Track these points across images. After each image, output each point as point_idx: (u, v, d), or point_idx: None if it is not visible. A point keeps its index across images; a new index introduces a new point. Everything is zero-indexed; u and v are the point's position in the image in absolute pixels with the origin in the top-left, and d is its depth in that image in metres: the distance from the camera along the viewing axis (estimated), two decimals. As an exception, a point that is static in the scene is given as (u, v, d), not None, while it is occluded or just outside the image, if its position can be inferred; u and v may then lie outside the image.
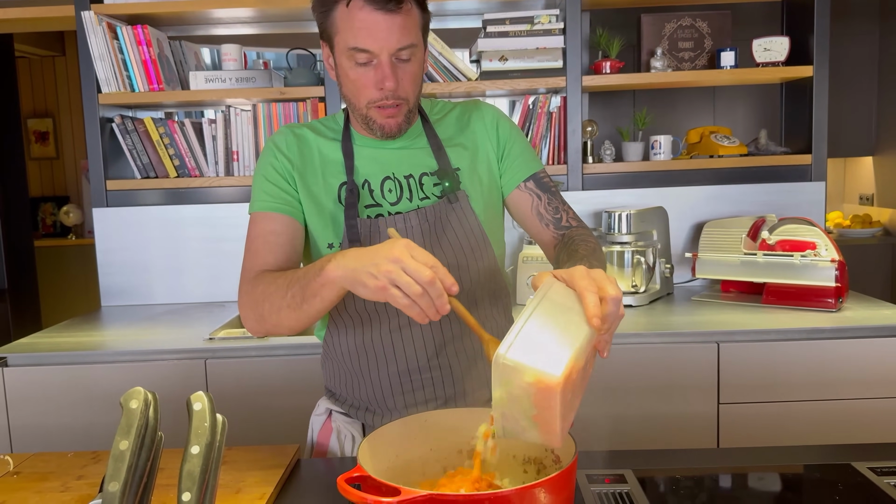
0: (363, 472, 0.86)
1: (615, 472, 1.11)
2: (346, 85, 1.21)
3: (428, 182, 1.27)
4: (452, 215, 1.26)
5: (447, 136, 1.32)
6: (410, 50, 1.17)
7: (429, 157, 1.29)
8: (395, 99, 1.19)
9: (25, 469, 1.17)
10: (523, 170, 1.33)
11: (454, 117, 1.35)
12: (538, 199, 1.32)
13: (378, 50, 1.15)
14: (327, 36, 1.21)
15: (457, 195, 1.26)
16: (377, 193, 1.26)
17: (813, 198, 2.61)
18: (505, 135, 1.34)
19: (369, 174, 1.27)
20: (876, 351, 1.99)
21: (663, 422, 2.02)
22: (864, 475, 1.07)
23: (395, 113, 1.21)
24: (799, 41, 2.59)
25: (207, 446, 0.72)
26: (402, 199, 1.26)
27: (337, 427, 1.33)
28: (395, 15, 1.14)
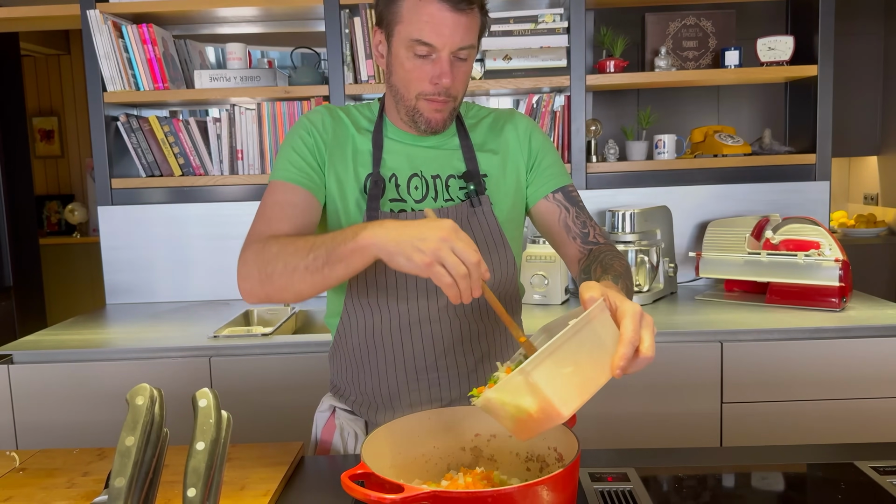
0: (367, 469, 0.86)
1: (618, 470, 1.11)
2: (398, 74, 1.22)
3: (454, 185, 1.28)
4: (473, 218, 1.27)
5: (479, 142, 1.32)
6: (469, 51, 1.20)
7: (458, 160, 1.30)
8: (446, 96, 1.21)
9: (31, 465, 1.18)
10: (553, 181, 1.33)
11: (487, 124, 1.36)
12: (566, 211, 1.32)
13: (441, 46, 1.16)
14: (386, 23, 1.21)
15: (480, 199, 1.27)
16: (403, 189, 1.26)
17: (817, 197, 2.60)
18: (537, 146, 1.34)
19: (397, 169, 1.27)
20: (880, 351, 1.99)
21: (666, 420, 2.02)
22: (867, 474, 1.07)
23: (443, 108, 1.22)
24: (803, 40, 2.59)
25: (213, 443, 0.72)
26: (427, 198, 1.26)
27: (340, 424, 1.33)
28: (463, 15, 1.15)
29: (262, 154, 2.59)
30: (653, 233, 2.43)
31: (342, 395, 1.36)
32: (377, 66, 2.50)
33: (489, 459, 1.07)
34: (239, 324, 2.33)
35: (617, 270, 1.13)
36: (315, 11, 2.59)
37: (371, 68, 2.51)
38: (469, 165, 1.29)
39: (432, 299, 1.24)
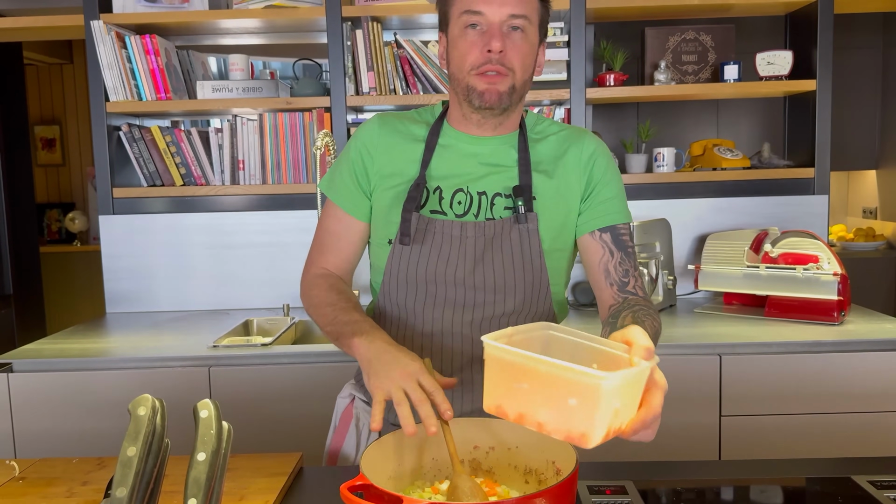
0: (366, 480, 0.87)
1: (616, 483, 1.11)
2: (453, 56, 1.22)
3: (499, 203, 1.25)
4: (515, 234, 1.23)
5: (538, 160, 1.28)
6: (523, 20, 1.18)
7: (509, 176, 1.26)
8: (500, 65, 1.18)
9: (31, 474, 1.18)
10: (603, 218, 1.26)
11: (553, 142, 1.30)
12: (610, 255, 1.25)
13: (490, 13, 1.16)
14: (444, 15, 1.24)
15: (527, 216, 1.23)
16: (446, 202, 1.25)
17: (816, 211, 2.61)
18: (598, 174, 1.27)
19: (443, 181, 1.26)
20: (878, 365, 1.99)
21: (665, 433, 2.01)
22: (864, 489, 1.08)
23: (499, 80, 1.19)
24: (802, 55, 2.61)
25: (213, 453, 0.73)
26: (469, 214, 1.25)
27: (357, 414, 1.35)
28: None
29: (263, 164, 2.60)
30: (652, 245, 2.44)
31: (363, 384, 1.36)
32: (381, 79, 2.52)
33: (487, 472, 1.08)
34: (239, 334, 2.33)
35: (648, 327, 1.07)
36: (317, 24, 2.61)
37: (373, 80, 2.52)
38: (522, 180, 1.24)
39: (458, 313, 1.25)
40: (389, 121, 1.32)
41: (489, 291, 1.24)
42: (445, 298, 1.24)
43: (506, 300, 1.25)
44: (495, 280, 1.24)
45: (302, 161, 2.60)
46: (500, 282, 1.24)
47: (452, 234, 1.23)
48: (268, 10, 2.50)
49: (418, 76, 2.54)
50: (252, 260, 2.63)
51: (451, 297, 1.24)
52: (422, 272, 1.24)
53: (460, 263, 1.23)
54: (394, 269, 1.26)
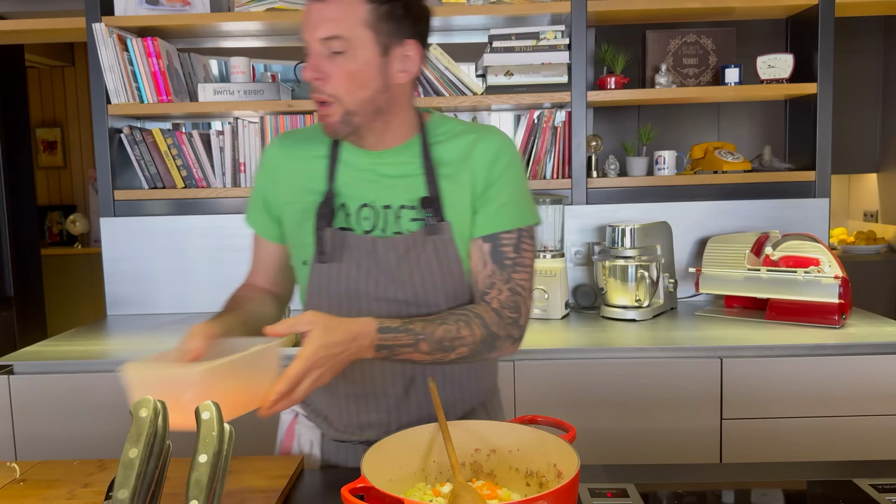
0: (367, 482, 0.87)
1: (617, 486, 1.11)
2: None
3: (405, 215, 1.19)
4: (430, 246, 1.18)
5: (445, 161, 1.21)
6: (341, 42, 1.09)
7: (416, 186, 1.20)
8: (323, 94, 1.12)
9: (32, 476, 1.18)
10: (488, 225, 1.21)
11: (463, 143, 1.22)
12: (483, 265, 1.21)
13: (307, 39, 1.12)
14: None
15: (439, 226, 1.18)
16: (353, 218, 1.21)
17: (817, 214, 2.61)
18: (496, 174, 1.20)
19: (349, 197, 1.21)
20: (879, 368, 1.99)
21: (666, 436, 2.02)
22: (866, 492, 1.08)
23: (328, 111, 1.14)
24: (803, 58, 2.61)
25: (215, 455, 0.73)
26: (377, 228, 1.20)
27: (299, 432, 1.34)
28: (324, 5, 1.10)
29: (264, 167, 2.60)
30: (653, 248, 2.44)
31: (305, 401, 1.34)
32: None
33: (488, 474, 1.08)
34: (239, 336, 2.33)
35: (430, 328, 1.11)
36: (318, 26, 2.61)
37: (374, 83, 2.52)
38: (429, 190, 1.19)
39: None
40: (291, 141, 1.29)
41: (412, 305, 1.20)
42: (370, 313, 1.16)
43: (430, 309, 1.20)
44: (416, 293, 1.19)
45: (303, 164, 2.60)
46: (421, 295, 1.20)
47: (367, 248, 1.19)
48: (269, 13, 2.50)
49: (419, 79, 2.54)
50: (253, 262, 2.62)
51: (376, 312, 1.19)
52: (343, 288, 1.20)
53: (380, 278, 1.19)
54: (314, 288, 1.23)
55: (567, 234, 2.59)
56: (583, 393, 2.01)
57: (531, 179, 2.60)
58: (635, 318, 2.34)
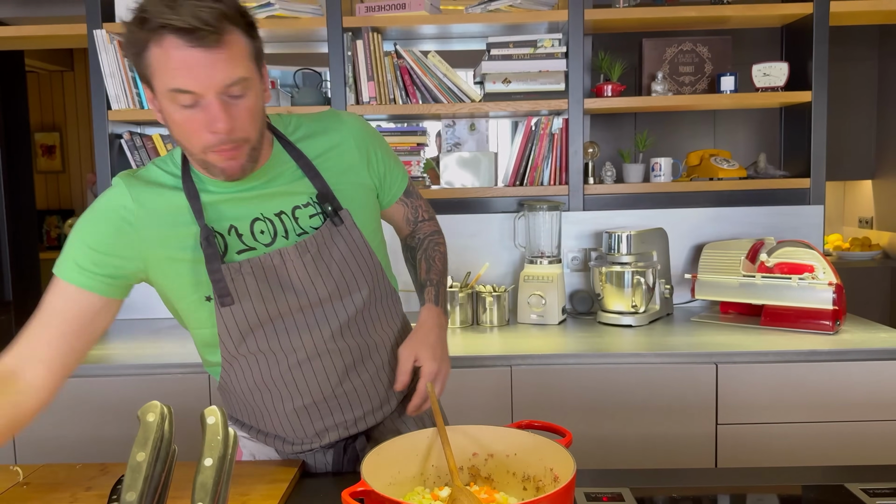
0: (367, 486, 0.88)
1: (613, 490, 1.13)
2: (174, 130, 1.09)
3: (303, 214, 1.19)
4: (338, 238, 1.20)
5: (316, 154, 1.22)
6: (242, 85, 1.05)
7: (299, 185, 1.19)
8: (233, 141, 1.07)
9: (35, 480, 1.19)
10: (398, 186, 1.37)
11: (320, 132, 1.24)
12: (407, 206, 1.42)
13: (202, 90, 1.03)
14: (145, 79, 1.07)
15: (340, 216, 1.20)
16: (248, 237, 1.17)
17: (811, 221, 2.64)
18: (378, 154, 1.29)
19: (235, 218, 1.17)
20: (872, 374, 2.01)
21: (662, 441, 2.03)
22: (857, 496, 1.09)
23: (237, 154, 1.09)
24: (798, 66, 2.63)
25: (220, 459, 0.74)
26: (278, 237, 1.18)
27: (250, 452, 1.33)
28: (215, 49, 1.02)
29: (263, 173, 2.62)
30: (649, 254, 2.46)
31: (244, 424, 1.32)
32: (381, 88, 2.54)
33: (486, 479, 1.09)
34: (238, 341, 2.35)
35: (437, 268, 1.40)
36: (318, 34, 2.64)
37: (373, 90, 2.54)
38: (317, 185, 1.19)
39: (316, 332, 1.20)
40: (137, 181, 1.17)
41: (335, 299, 1.21)
42: (297, 325, 1.18)
43: (353, 299, 1.22)
44: (338, 286, 1.21)
45: (302, 169, 2.61)
46: (342, 286, 1.21)
47: (274, 264, 1.16)
48: (270, 21, 2.52)
49: (418, 86, 2.56)
50: (252, 267, 2.64)
51: (303, 321, 1.19)
52: (263, 314, 1.17)
53: (297, 287, 1.18)
54: (230, 325, 1.17)
55: (564, 240, 2.61)
56: (579, 398, 2.03)
57: (528, 185, 2.62)
58: (631, 324, 2.36)
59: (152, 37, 1.01)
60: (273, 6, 2.50)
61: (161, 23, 1.00)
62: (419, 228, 1.46)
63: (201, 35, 1.00)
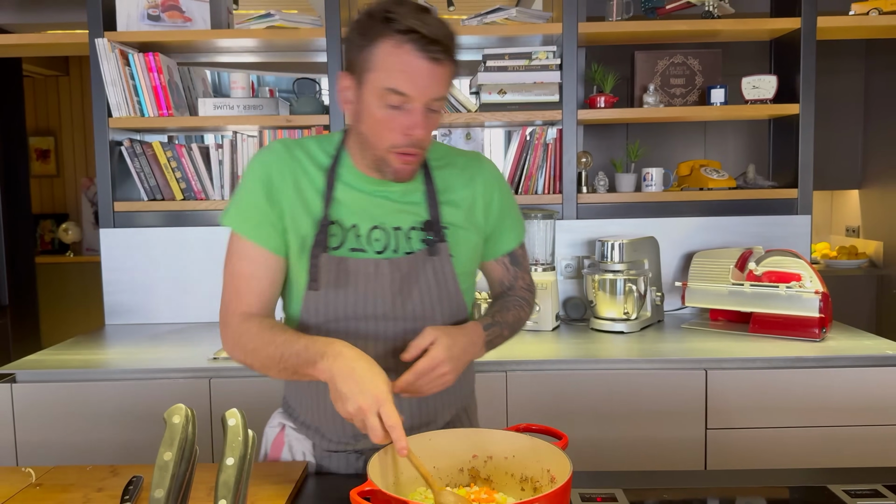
0: (374, 486, 0.93)
1: (607, 491, 1.17)
2: (367, 123, 1.18)
3: (415, 236, 1.26)
4: (429, 266, 1.26)
5: (446, 186, 1.30)
6: (442, 102, 1.17)
7: (420, 210, 1.27)
8: (418, 147, 1.18)
9: (47, 481, 1.23)
10: (506, 245, 1.39)
11: (458, 168, 1.33)
12: (507, 271, 1.41)
13: (417, 96, 1.13)
14: (357, 69, 1.16)
15: (438, 248, 1.26)
16: (363, 239, 1.24)
17: (799, 230, 2.70)
18: (499, 205, 1.35)
19: (360, 218, 1.25)
20: (857, 380, 2.06)
21: (653, 445, 2.08)
22: (840, 497, 1.14)
23: (414, 160, 1.20)
24: (786, 79, 2.70)
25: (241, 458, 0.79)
26: (388, 249, 1.25)
27: (289, 442, 1.37)
28: (439, 65, 1.13)
29: (262, 180, 2.66)
30: (640, 262, 2.51)
31: (292, 414, 1.38)
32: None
33: (485, 480, 1.14)
34: (237, 346, 2.38)
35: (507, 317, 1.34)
36: (316, 43, 2.68)
37: (370, 99, 2.59)
38: (431, 214, 1.27)
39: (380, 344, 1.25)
40: (293, 148, 1.26)
41: (410, 320, 1.26)
42: (367, 332, 1.24)
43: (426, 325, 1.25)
44: (414, 310, 1.26)
45: (300, 177, 2.66)
46: (419, 311, 1.26)
47: (367, 271, 1.23)
48: (269, 31, 2.57)
49: (415, 96, 2.61)
50: (250, 273, 2.67)
51: (373, 330, 1.24)
52: (340, 311, 1.23)
53: (379, 298, 1.24)
54: (311, 311, 1.24)
55: (558, 247, 2.66)
56: (572, 403, 2.08)
57: (523, 194, 2.67)
58: (623, 331, 2.41)
59: (389, 36, 1.11)
60: (274, 17, 2.54)
61: (409, 26, 1.10)
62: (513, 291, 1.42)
63: (437, 50, 1.11)
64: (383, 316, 1.25)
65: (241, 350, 1.22)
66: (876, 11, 2.65)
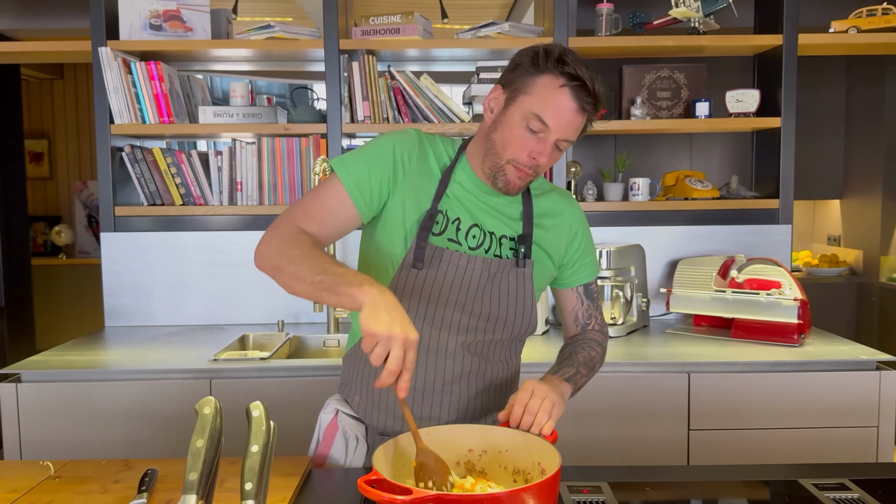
0: (379, 475, 1.00)
1: (593, 483, 1.26)
2: (502, 134, 1.31)
3: (506, 244, 1.40)
4: (513, 276, 1.39)
5: (541, 212, 1.44)
6: (569, 144, 1.32)
7: (515, 223, 1.41)
8: (535, 171, 1.33)
9: (65, 474, 1.29)
10: (583, 277, 1.51)
11: (552, 200, 1.47)
12: (581, 303, 1.53)
13: (555, 130, 1.27)
14: (514, 88, 1.30)
15: (525, 261, 1.40)
16: (462, 234, 1.37)
17: (780, 239, 2.80)
18: (580, 239, 1.49)
19: (464, 215, 1.37)
20: (833, 384, 2.16)
21: (638, 445, 2.17)
22: (809, 490, 1.23)
23: (527, 178, 1.34)
24: (769, 93, 2.80)
25: (264, 446, 0.86)
26: (480, 248, 1.38)
27: (343, 427, 1.45)
28: (583, 114, 1.28)
29: (260, 186, 2.73)
30: (627, 269, 2.60)
31: (349, 396, 1.46)
32: (375, 108, 2.66)
33: (480, 472, 1.21)
34: (235, 348, 2.45)
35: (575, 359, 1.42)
36: (314, 53, 2.75)
37: (367, 109, 2.67)
38: (525, 230, 1.41)
39: (453, 335, 1.36)
40: (426, 142, 1.39)
41: (484, 319, 1.37)
42: (443, 320, 1.35)
43: (496, 330, 1.39)
44: (491, 311, 1.38)
45: (298, 183, 2.73)
46: (494, 313, 1.38)
47: (459, 264, 1.36)
48: (269, 42, 2.64)
49: (410, 106, 2.69)
50: (247, 277, 2.75)
51: (449, 320, 1.35)
52: (426, 294, 1.34)
53: (462, 291, 1.36)
54: (399, 288, 1.34)
55: (547, 254, 2.74)
56: (561, 404, 2.16)
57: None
58: (611, 335, 2.49)
59: (557, 75, 1.26)
60: (273, 28, 2.62)
61: (578, 74, 1.25)
62: (584, 335, 1.52)
63: (588, 102, 1.27)
64: (462, 308, 1.36)
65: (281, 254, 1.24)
66: (854, 29, 2.76)
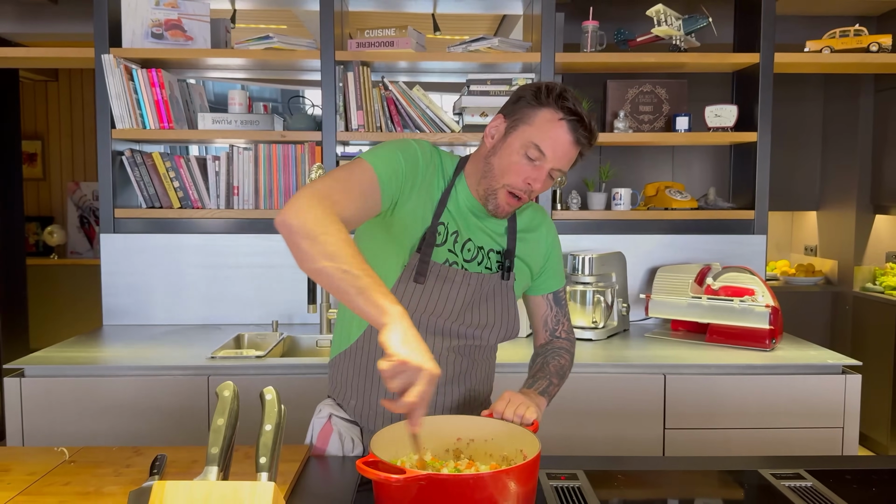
0: (376, 457, 1.10)
1: (570, 471, 1.36)
2: (501, 159, 1.40)
3: (493, 257, 1.50)
4: (500, 288, 1.50)
5: (524, 227, 1.55)
6: (562, 174, 1.43)
7: (502, 238, 1.51)
8: (526, 195, 1.42)
9: (79, 459, 1.38)
10: (553, 285, 1.62)
11: (530, 215, 1.57)
12: (550, 310, 1.63)
13: (551, 160, 1.37)
14: (515, 118, 1.40)
15: (509, 275, 1.51)
16: (459, 246, 1.46)
17: (755, 249, 2.92)
18: (554, 253, 1.60)
19: (461, 228, 1.47)
20: (800, 387, 2.28)
21: (615, 443, 2.28)
22: (767, 479, 1.34)
23: (517, 204, 1.44)
24: (746, 109, 2.93)
25: (276, 426, 0.96)
26: (473, 261, 1.48)
27: (338, 430, 1.53)
28: (577, 147, 1.38)
29: (256, 191, 2.82)
30: (609, 275, 2.71)
31: (343, 400, 1.54)
32: (369, 117, 2.77)
33: (467, 459, 1.32)
34: (231, 347, 2.54)
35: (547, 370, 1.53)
36: (310, 63, 2.86)
37: (361, 118, 2.77)
38: (510, 245, 1.52)
39: (445, 340, 1.46)
40: (435, 153, 1.47)
41: (474, 326, 1.48)
42: (436, 327, 1.44)
43: (483, 336, 1.50)
44: (481, 320, 1.49)
45: (293, 189, 2.83)
46: (484, 321, 1.49)
47: (455, 279, 1.45)
48: (268, 52, 2.74)
49: (402, 116, 2.80)
50: (243, 279, 2.84)
51: (442, 327, 1.44)
52: (423, 304, 1.42)
53: (458, 303, 1.45)
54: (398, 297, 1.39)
55: (532, 260, 2.85)
56: (543, 403, 2.26)
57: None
58: (591, 338, 2.61)
59: (557, 109, 1.36)
60: (272, 39, 2.72)
61: (576, 111, 1.36)
62: (553, 343, 1.62)
63: (584, 137, 1.37)
64: (452, 316, 1.45)
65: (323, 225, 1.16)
66: (828, 49, 2.89)
